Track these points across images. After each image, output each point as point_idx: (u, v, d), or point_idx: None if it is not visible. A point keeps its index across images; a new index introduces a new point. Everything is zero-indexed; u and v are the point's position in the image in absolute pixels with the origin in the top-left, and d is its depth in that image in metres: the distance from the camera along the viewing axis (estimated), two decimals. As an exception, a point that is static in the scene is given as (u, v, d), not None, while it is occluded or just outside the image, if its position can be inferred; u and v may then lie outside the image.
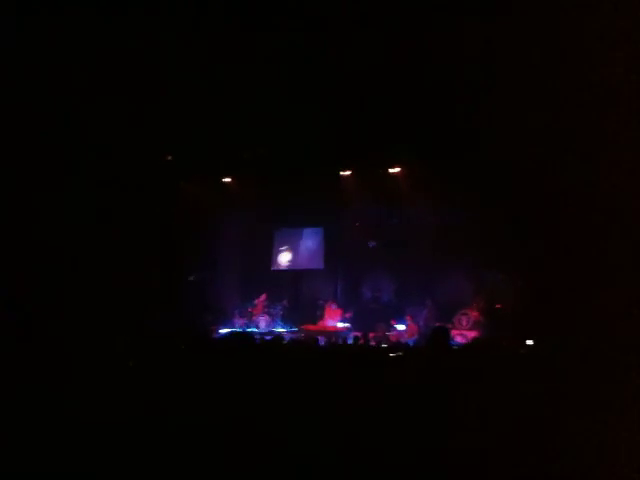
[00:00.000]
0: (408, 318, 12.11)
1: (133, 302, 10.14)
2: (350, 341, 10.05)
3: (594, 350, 4.17)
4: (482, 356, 5.07)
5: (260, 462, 2.93)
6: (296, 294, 14.09)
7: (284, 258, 14.87)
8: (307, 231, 14.76)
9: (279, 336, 11.68)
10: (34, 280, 9.12)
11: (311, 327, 12.76)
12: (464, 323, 11.68)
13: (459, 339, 11.02)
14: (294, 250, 14.78)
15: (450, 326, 11.76)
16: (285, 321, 13.63)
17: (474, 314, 11.85)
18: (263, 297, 13.72)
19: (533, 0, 7.30)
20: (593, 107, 7.19)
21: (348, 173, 13.36)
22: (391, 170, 12.86)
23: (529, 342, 7.26)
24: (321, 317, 13.08)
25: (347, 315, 12.77)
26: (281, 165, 12.65)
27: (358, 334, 10.63)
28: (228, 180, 14.05)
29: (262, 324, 13.39)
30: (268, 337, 11.18)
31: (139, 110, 9.64)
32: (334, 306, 13.01)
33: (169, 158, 12.27)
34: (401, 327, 12.20)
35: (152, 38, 8.32)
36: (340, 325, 12.65)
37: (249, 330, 12.98)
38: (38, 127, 9.15)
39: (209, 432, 3.10)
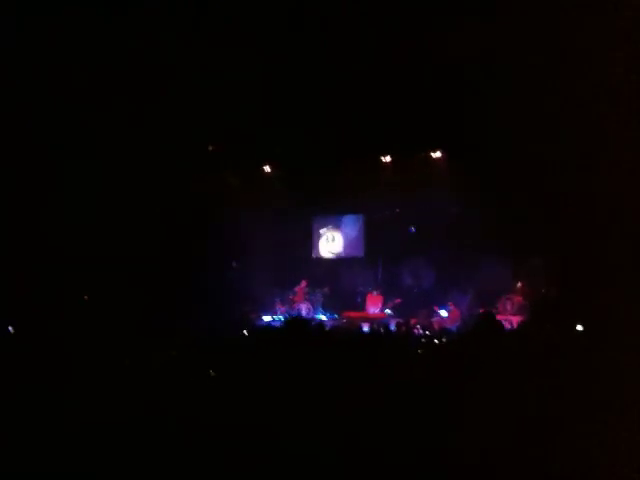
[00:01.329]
0: (450, 304, 11.99)
1: (167, 297, 10.20)
2: (392, 327, 10.01)
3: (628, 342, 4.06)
4: (532, 341, 4.97)
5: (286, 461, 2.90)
6: (337, 281, 14.07)
7: (325, 245, 14.88)
8: (347, 218, 14.73)
9: (320, 323, 11.75)
10: (36, 280, 9.24)
11: (353, 314, 12.76)
12: (509, 308, 11.51)
13: (505, 324, 10.85)
14: (335, 237, 14.78)
15: (494, 311, 11.59)
16: (326, 308, 13.67)
17: (518, 299, 11.65)
18: (303, 284, 13.75)
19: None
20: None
21: (388, 159, 13.25)
22: (432, 154, 12.71)
23: (579, 327, 7.09)
24: (363, 304, 13.06)
25: (397, 301, 12.75)
26: (318, 152, 12.61)
27: (400, 320, 10.56)
28: (266, 169, 14.12)
29: (303, 311, 13.42)
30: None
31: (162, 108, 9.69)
32: (375, 293, 12.98)
33: (210, 148, 12.36)
34: (444, 313, 12.09)
35: (156, 37, 8.36)
36: (381, 312, 12.63)
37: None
38: (43, 125, 9.25)
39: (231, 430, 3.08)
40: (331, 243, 14.85)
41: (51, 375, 3.67)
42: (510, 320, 10.88)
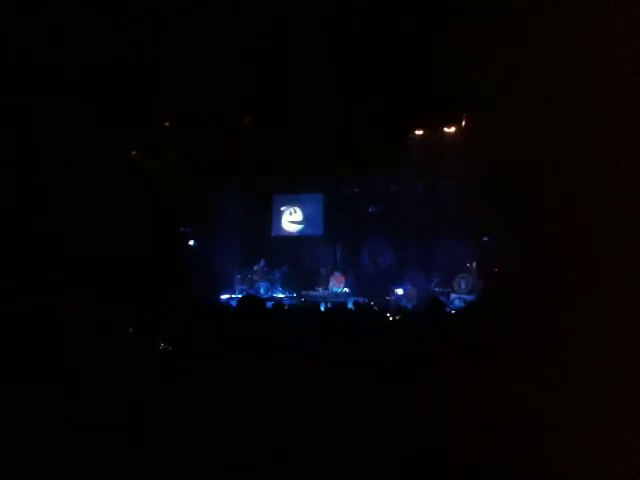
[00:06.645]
0: (408, 283, 12.25)
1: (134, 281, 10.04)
2: (350, 305, 10.15)
3: (592, 344, 4.19)
4: (477, 324, 5.10)
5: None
6: (295, 260, 14.14)
7: (289, 218, 14.95)
8: (307, 197, 14.76)
9: (279, 302, 11.83)
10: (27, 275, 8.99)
11: (312, 293, 12.89)
12: (463, 287, 11.79)
13: (457, 303, 11.15)
14: (297, 210, 14.85)
15: (450, 290, 11.90)
16: (284, 287, 13.75)
17: (473, 278, 11.95)
18: (262, 263, 13.81)
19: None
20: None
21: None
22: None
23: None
24: (323, 284, 13.20)
25: (340, 278, 13.04)
26: (279, 130, 12.51)
27: (359, 299, 10.72)
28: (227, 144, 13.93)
29: (262, 290, 13.50)
30: (269, 303, 11.30)
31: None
32: (337, 273, 13.17)
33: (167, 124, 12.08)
34: (400, 291, 12.33)
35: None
36: (340, 290, 12.81)
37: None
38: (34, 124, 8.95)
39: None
40: (294, 215, 14.94)
41: (49, 374, 3.61)
42: (464, 298, 11.18)
